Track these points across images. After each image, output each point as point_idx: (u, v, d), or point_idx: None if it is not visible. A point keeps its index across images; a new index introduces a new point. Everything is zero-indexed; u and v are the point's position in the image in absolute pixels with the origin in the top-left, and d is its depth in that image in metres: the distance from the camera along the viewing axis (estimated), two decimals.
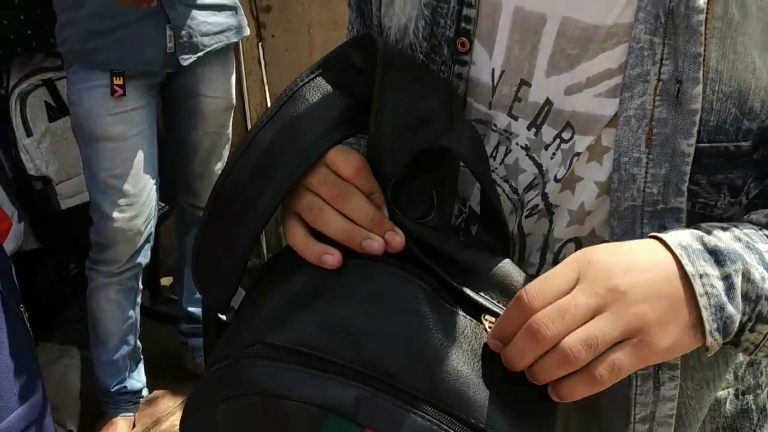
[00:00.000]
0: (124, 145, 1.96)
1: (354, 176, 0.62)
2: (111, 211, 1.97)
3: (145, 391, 2.25)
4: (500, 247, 0.65)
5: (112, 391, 2.16)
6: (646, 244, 0.59)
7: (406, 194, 0.65)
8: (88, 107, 1.92)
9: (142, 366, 2.23)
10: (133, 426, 2.23)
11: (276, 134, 0.63)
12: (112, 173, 1.96)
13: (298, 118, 0.64)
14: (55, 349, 2.33)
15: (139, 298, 2.17)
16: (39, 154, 2.21)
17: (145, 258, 2.10)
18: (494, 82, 0.69)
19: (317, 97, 0.64)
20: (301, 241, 0.62)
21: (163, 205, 2.30)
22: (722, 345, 0.58)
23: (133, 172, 1.98)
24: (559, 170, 0.68)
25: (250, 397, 0.57)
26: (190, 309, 2.39)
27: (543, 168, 0.69)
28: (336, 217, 0.62)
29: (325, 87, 0.65)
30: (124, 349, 2.14)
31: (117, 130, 1.94)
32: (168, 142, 2.23)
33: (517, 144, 0.70)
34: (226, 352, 0.61)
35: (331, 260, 0.60)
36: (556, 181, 0.68)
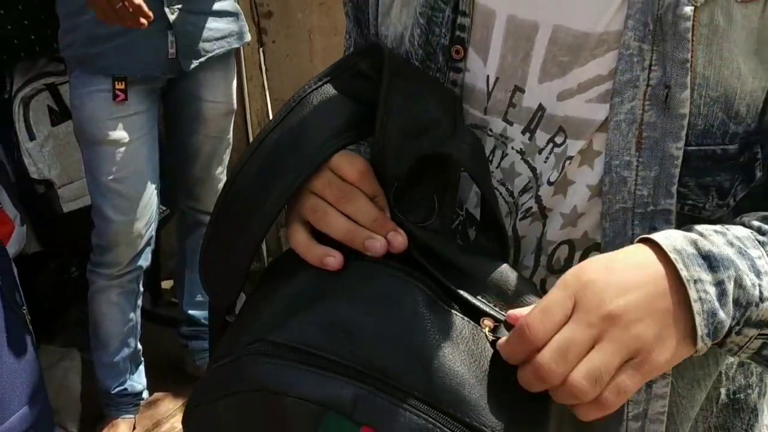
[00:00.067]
0: (125, 149, 1.97)
1: (358, 180, 0.64)
2: (112, 214, 1.98)
3: (146, 394, 2.25)
4: (498, 252, 0.67)
5: (113, 393, 2.16)
6: (639, 252, 0.59)
7: (408, 198, 0.66)
8: (91, 111, 1.93)
9: (142, 368, 2.23)
10: (134, 428, 2.23)
11: (283, 138, 0.65)
12: (114, 177, 1.97)
13: (304, 123, 0.65)
14: (56, 351, 2.33)
15: (139, 301, 2.17)
16: (41, 157, 2.21)
17: (145, 261, 2.11)
18: (489, 89, 0.71)
19: (324, 103, 0.66)
20: (303, 244, 0.64)
21: (164, 208, 2.30)
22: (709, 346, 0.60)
23: (134, 175, 1.99)
24: (552, 174, 0.69)
25: (250, 394, 0.58)
26: (190, 312, 2.39)
27: (537, 171, 0.70)
28: (339, 219, 0.63)
29: (333, 94, 0.66)
30: (125, 352, 2.14)
31: (119, 134, 1.95)
32: (169, 146, 2.24)
33: (513, 148, 0.71)
34: (228, 350, 0.62)
35: (332, 262, 0.62)
36: (549, 184, 0.70)
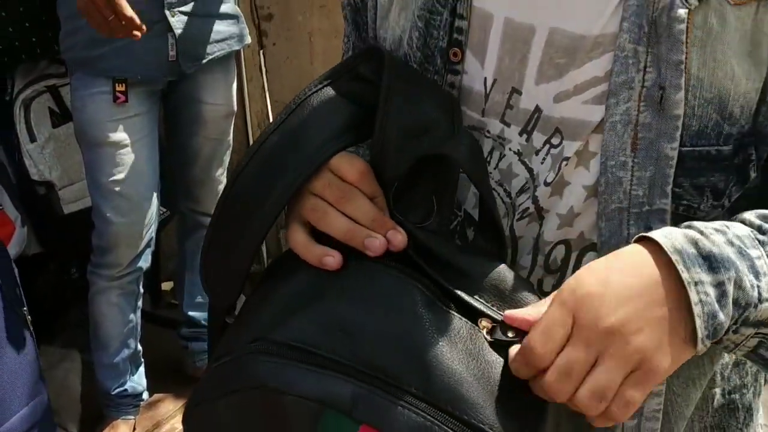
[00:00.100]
0: (126, 151, 1.97)
1: (358, 180, 0.64)
2: (112, 216, 1.98)
3: (146, 395, 2.25)
4: (496, 252, 0.67)
5: (113, 394, 2.16)
6: (637, 255, 0.59)
7: (407, 199, 0.67)
8: (91, 113, 1.93)
9: (142, 369, 2.23)
10: (134, 429, 2.23)
11: (283, 140, 0.65)
12: (114, 178, 1.97)
13: (304, 124, 0.66)
14: (56, 352, 2.33)
15: (139, 302, 2.17)
16: (42, 159, 2.21)
17: (145, 262, 2.11)
18: (486, 91, 0.71)
19: (324, 106, 0.66)
20: (302, 244, 0.64)
21: (165, 210, 2.30)
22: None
23: (134, 177, 1.99)
24: (548, 174, 0.70)
25: (250, 392, 0.59)
26: (190, 313, 2.39)
27: (534, 172, 0.71)
28: (339, 218, 0.64)
29: (332, 96, 0.67)
30: (125, 353, 2.14)
31: (119, 136, 1.95)
32: (169, 148, 2.24)
33: (510, 149, 0.72)
34: (228, 348, 0.62)
35: (331, 261, 0.62)
36: (546, 185, 0.70)
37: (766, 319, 0.60)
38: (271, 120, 2.92)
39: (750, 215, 0.63)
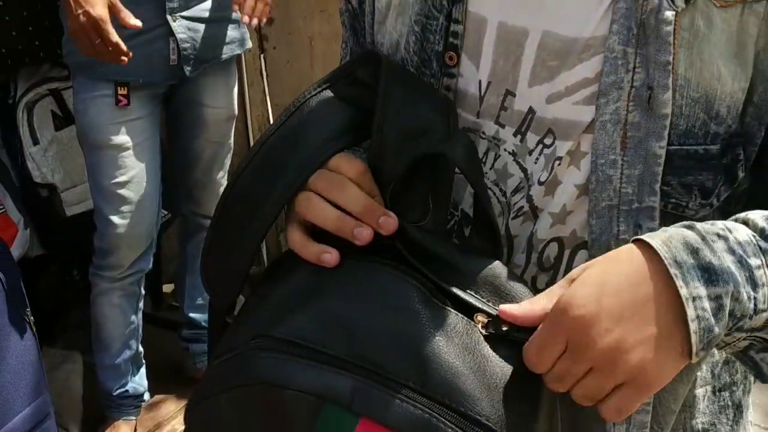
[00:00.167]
0: (127, 154, 1.98)
1: (356, 178, 0.65)
2: (114, 218, 1.99)
3: (147, 395, 2.25)
4: (491, 250, 0.68)
5: (115, 394, 2.16)
6: (634, 265, 0.58)
7: (404, 199, 0.67)
8: (93, 116, 1.94)
9: (144, 370, 2.23)
10: (135, 430, 2.23)
11: (282, 142, 0.66)
12: (116, 180, 1.98)
13: (304, 126, 0.67)
14: (58, 354, 2.32)
15: (141, 304, 2.18)
16: (45, 162, 2.22)
17: (147, 264, 2.12)
18: (481, 93, 0.73)
19: (323, 108, 0.67)
20: (299, 242, 0.65)
21: (166, 212, 2.30)
22: None
23: (136, 179, 2.00)
24: (542, 174, 0.71)
25: (251, 388, 0.59)
26: (191, 315, 2.39)
27: (528, 172, 0.72)
28: (328, 208, 0.64)
29: (331, 99, 0.68)
30: (127, 354, 2.15)
31: (121, 139, 1.96)
32: (171, 151, 2.25)
33: (505, 150, 0.73)
34: (228, 346, 0.63)
35: (329, 258, 0.63)
36: (540, 184, 0.71)
37: (759, 326, 0.60)
38: (272, 123, 2.91)
39: (756, 216, 0.62)
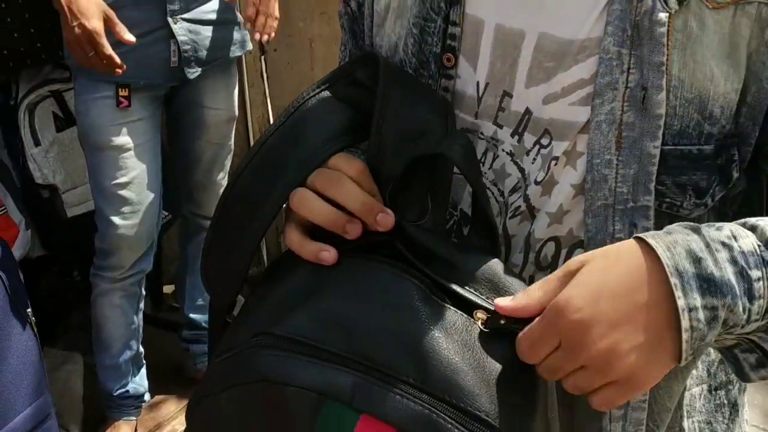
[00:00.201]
0: (128, 155, 1.98)
1: (356, 177, 0.65)
2: (115, 219, 2.00)
3: (147, 396, 2.25)
4: (490, 248, 0.69)
5: (115, 395, 2.17)
6: (634, 269, 0.58)
7: (402, 199, 0.68)
8: (94, 118, 1.94)
9: (144, 371, 2.23)
10: (135, 430, 2.24)
11: (282, 142, 0.67)
12: (117, 181, 1.98)
13: (303, 127, 0.67)
14: (58, 354, 2.32)
15: (141, 304, 2.18)
16: (46, 163, 2.22)
17: (148, 265, 2.12)
18: (479, 94, 0.73)
19: (321, 110, 0.68)
20: (297, 241, 0.65)
21: (167, 214, 2.30)
22: None
23: (137, 180, 2.01)
24: (539, 174, 0.72)
25: (252, 385, 0.60)
26: (191, 316, 2.40)
27: (525, 172, 0.73)
28: (320, 203, 0.65)
29: (330, 100, 0.69)
30: (127, 354, 2.15)
31: (122, 140, 1.97)
32: (172, 152, 2.25)
33: (503, 150, 0.74)
34: (229, 344, 0.64)
35: (327, 256, 0.63)
36: (537, 184, 0.72)
37: (749, 331, 0.61)
38: (272, 123, 2.89)
39: (765, 224, 0.61)
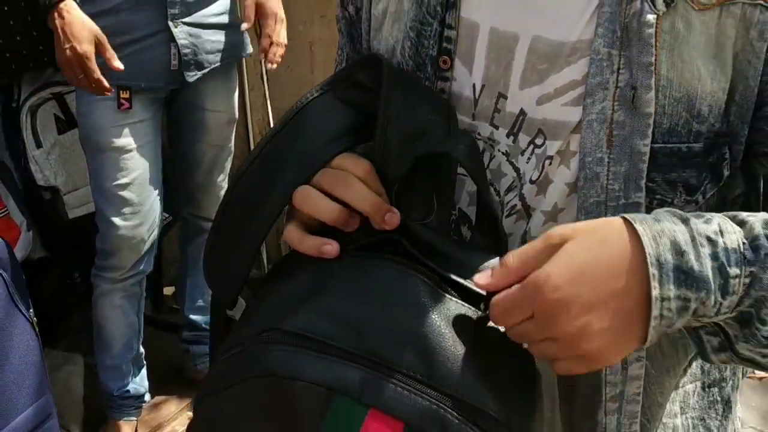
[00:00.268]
0: (129, 156, 2.00)
1: (363, 176, 0.66)
2: (116, 219, 2.01)
3: (148, 396, 2.26)
4: (493, 247, 0.70)
5: (116, 395, 2.18)
6: (618, 253, 0.59)
7: (407, 199, 0.69)
8: (96, 119, 1.96)
9: (145, 371, 2.24)
10: (136, 430, 2.25)
11: (284, 143, 0.68)
12: (118, 182, 2.00)
13: (305, 128, 0.68)
14: (59, 355, 2.32)
15: (142, 305, 2.19)
16: (48, 165, 2.23)
17: (148, 265, 2.13)
18: (476, 96, 0.75)
19: (324, 111, 0.69)
20: (297, 238, 0.66)
21: (167, 216, 2.31)
22: None
23: (137, 181, 2.02)
24: (533, 173, 0.74)
25: (261, 380, 0.60)
26: (191, 317, 2.41)
27: (520, 171, 0.75)
28: (326, 201, 0.65)
29: (332, 102, 0.69)
30: (128, 354, 2.16)
31: (123, 141, 1.98)
32: (172, 154, 2.27)
33: (499, 150, 0.75)
34: (236, 341, 0.64)
35: (330, 249, 0.64)
36: (532, 183, 0.74)
37: (714, 321, 0.62)
38: (273, 125, 2.89)
39: (755, 221, 0.61)
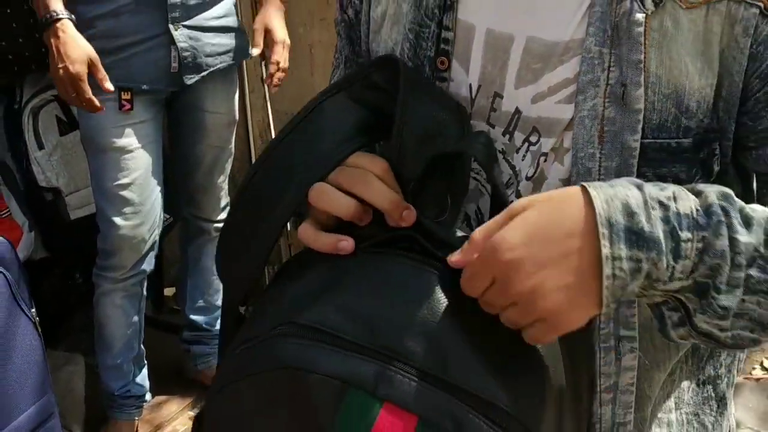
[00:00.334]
0: (130, 156, 2.01)
1: (382, 175, 0.67)
2: (117, 219, 2.02)
3: (149, 396, 2.27)
4: None
5: (116, 394, 2.18)
6: (571, 215, 0.61)
7: (422, 198, 0.69)
8: (97, 120, 1.96)
9: (146, 371, 2.25)
10: (136, 430, 2.25)
11: (297, 143, 0.68)
12: (119, 182, 2.00)
13: (319, 127, 0.69)
14: (60, 356, 2.32)
15: (143, 305, 2.20)
16: (50, 166, 2.24)
17: (149, 265, 2.14)
18: (472, 96, 0.77)
19: (338, 110, 0.70)
20: (312, 236, 0.67)
21: (168, 217, 2.32)
22: None
23: (138, 181, 2.03)
24: (529, 170, 0.76)
25: (275, 372, 0.60)
26: (192, 317, 2.41)
27: (516, 169, 0.77)
28: (342, 197, 0.66)
29: (346, 102, 0.70)
30: (129, 354, 2.17)
31: (124, 142, 2.00)
32: (173, 156, 2.28)
33: (496, 148, 0.76)
34: (251, 334, 0.64)
35: (346, 245, 0.65)
36: (527, 179, 0.76)
37: (673, 290, 0.63)
38: (273, 129, 2.92)
39: (709, 191, 0.63)
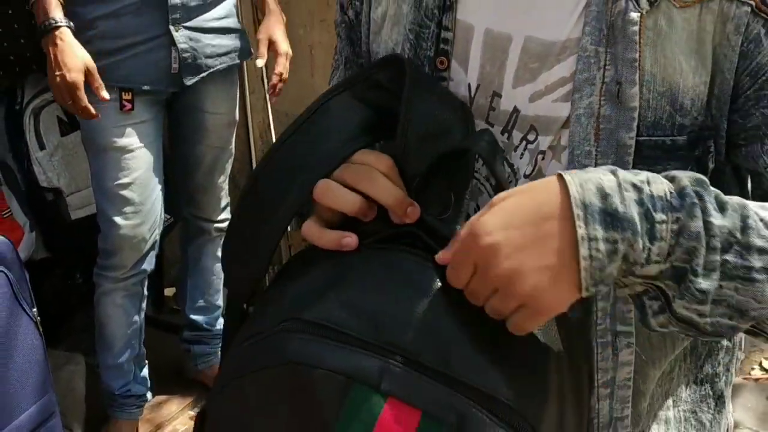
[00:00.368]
0: (131, 156, 2.02)
1: (387, 172, 0.68)
2: (117, 219, 2.02)
3: (149, 395, 2.27)
4: None
5: (117, 394, 2.19)
6: (546, 199, 0.62)
7: (425, 195, 0.70)
8: (98, 120, 1.96)
9: (146, 371, 2.25)
10: (137, 430, 2.26)
11: (301, 142, 0.69)
12: (119, 182, 2.01)
13: (324, 126, 0.70)
14: (61, 355, 2.33)
15: (144, 304, 2.20)
16: (51, 166, 2.25)
17: (150, 265, 2.14)
18: (471, 95, 0.78)
19: (343, 109, 0.71)
20: (316, 233, 0.68)
21: (168, 217, 2.33)
22: None
23: (139, 181, 2.04)
24: (527, 168, 0.77)
25: (280, 368, 0.61)
26: (192, 317, 2.42)
27: (515, 167, 0.78)
28: (348, 193, 0.67)
29: (350, 101, 0.71)
30: (129, 353, 2.17)
31: (125, 141, 2.00)
32: (173, 156, 2.29)
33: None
34: (255, 331, 0.65)
35: (350, 242, 0.66)
36: (526, 177, 0.77)
37: (651, 275, 0.63)
38: (273, 130, 2.92)
39: (682, 176, 0.64)
